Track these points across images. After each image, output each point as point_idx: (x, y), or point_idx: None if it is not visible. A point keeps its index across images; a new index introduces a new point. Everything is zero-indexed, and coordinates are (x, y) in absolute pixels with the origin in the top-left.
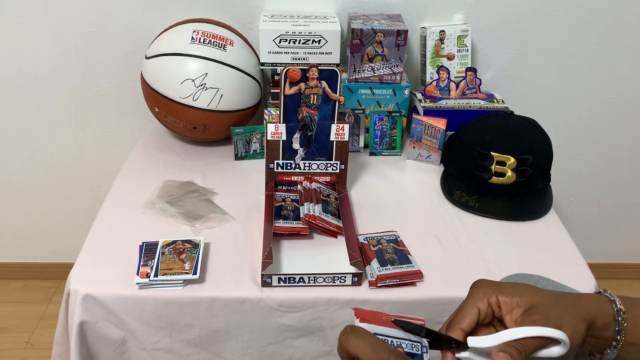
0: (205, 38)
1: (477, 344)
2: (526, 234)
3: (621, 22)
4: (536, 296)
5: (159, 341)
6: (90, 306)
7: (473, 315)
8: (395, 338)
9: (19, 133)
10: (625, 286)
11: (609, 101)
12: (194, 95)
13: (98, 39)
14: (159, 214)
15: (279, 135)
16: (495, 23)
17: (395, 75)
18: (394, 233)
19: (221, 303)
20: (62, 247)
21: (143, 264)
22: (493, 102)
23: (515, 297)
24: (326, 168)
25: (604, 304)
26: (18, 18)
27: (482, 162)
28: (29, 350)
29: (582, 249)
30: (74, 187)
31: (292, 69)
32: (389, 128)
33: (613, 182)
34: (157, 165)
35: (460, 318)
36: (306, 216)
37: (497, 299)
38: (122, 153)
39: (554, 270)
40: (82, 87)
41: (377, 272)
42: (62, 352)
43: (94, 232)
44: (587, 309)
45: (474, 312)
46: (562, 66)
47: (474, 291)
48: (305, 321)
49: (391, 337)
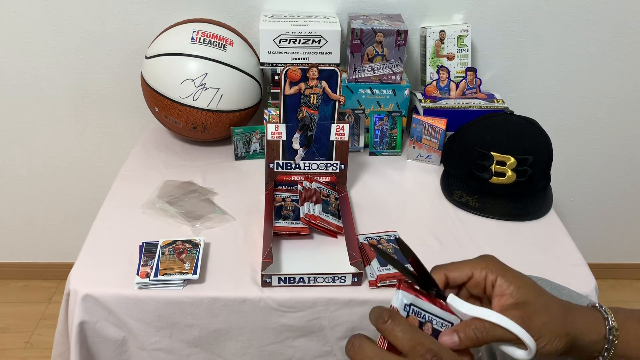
0: (205, 38)
1: (454, 304)
2: (526, 234)
3: (621, 22)
4: (531, 295)
5: (159, 341)
6: (90, 306)
7: (464, 274)
8: (428, 313)
9: (19, 133)
10: (625, 286)
11: (609, 101)
12: (194, 95)
13: (98, 38)
14: (159, 214)
15: (279, 135)
16: (495, 23)
17: (395, 75)
18: (394, 233)
19: (221, 303)
20: (62, 247)
21: (143, 264)
22: (493, 102)
23: (513, 286)
24: (326, 168)
25: (597, 321)
26: (18, 18)
27: (482, 162)
28: (29, 350)
29: (582, 249)
30: (74, 187)
31: (292, 69)
32: (389, 128)
33: (613, 182)
34: (157, 165)
35: (452, 267)
36: (306, 216)
37: (496, 279)
38: (122, 153)
39: (554, 270)
40: (82, 87)
41: (377, 272)
42: (62, 352)
43: (94, 232)
44: (575, 326)
45: (466, 273)
46: (562, 66)
47: (479, 259)
48: (305, 321)
49: (425, 312)
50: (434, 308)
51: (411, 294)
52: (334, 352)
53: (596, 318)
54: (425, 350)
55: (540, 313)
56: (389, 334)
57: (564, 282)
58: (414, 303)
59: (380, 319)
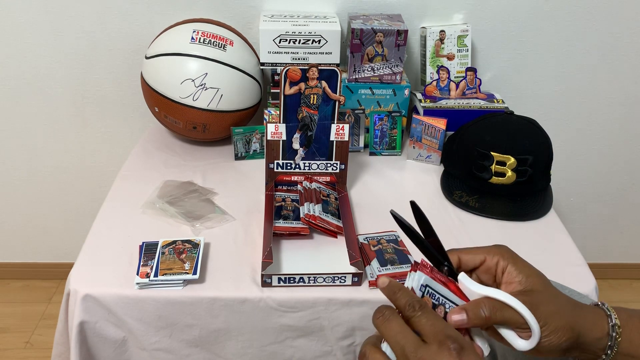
0: (205, 38)
1: (465, 283)
2: (526, 234)
3: (621, 22)
4: (540, 285)
5: (159, 341)
6: (90, 306)
7: (477, 258)
8: (442, 296)
9: (19, 133)
10: (625, 286)
11: (608, 101)
12: (194, 95)
13: (98, 39)
14: (159, 214)
15: (279, 135)
16: (495, 23)
17: (395, 75)
18: (394, 233)
19: (221, 303)
20: (62, 247)
21: (143, 264)
22: (493, 102)
23: (522, 275)
24: (326, 168)
25: (600, 318)
26: (18, 18)
27: (482, 162)
28: (29, 350)
29: (582, 249)
30: (74, 187)
31: (292, 69)
32: (389, 128)
33: (613, 182)
34: (157, 165)
35: (465, 251)
36: (306, 216)
37: (507, 266)
38: (122, 153)
39: (554, 270)
40: (82, 87)
41: (377, 272)
42: (62, 352)
43: (94, 232)
44: (579, 322)
45: (479, 258)
46: (562, 66)
47: (493, 247)
48: (305, 321)
49: (439, 294)
50: (447, 292)
51: (428, 275)
52: (334, 352)
53: (599, 315)
54: (446, 337)
55: (548, 303)
56: (416, 320)
57: (564, 282)
58: (429, 285)
59: (411, 308)
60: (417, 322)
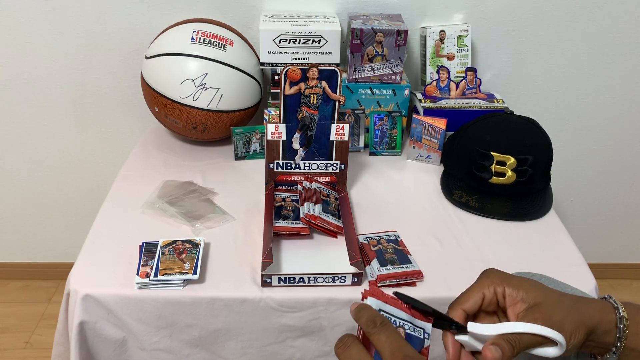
0: (205, 38)
1: (476, 330)
2: (526, 234)
3: (621, 22)
4: (542, 294)
5: (159, 341)
6: (90, 306)
7: (477, 299)
8: (399, 319)
9: (19, 133)
10: (625, 286)
11: (609, 101)
12: (194, 95)
13: (98, 39)
14: (159, 214)
15: (279, 135)
16: (495, 23)
17: (395, 75)
18: (394, 233)
19: (221, 303)
20: (62, 247)
21: (143, 264)
22: (493, 102)
23: (522, 291)
24: (326, 168)
25: (608, 310)
26: (18, 18)
27: (482, 162)
28: (29, 350)
29: (582, 249)
30: (74, 187)
31: (292, 69)
32: (389, 128)
33: (613, 182)
34: (157, 165)
35: (464, 299)
36: (306, 216)
37: (504, 290)
38: (122, 153)
39: (554, 270)
40: (82, 87)
41: (377, 272)
42: (62, 352)
43: (94, 232)
44: (589, 315)
45: (479, 297)
46: (562, 66)
47: (482, 278)
48: (305, 321)
49: (395, 317)
50: (402, 314)
51: (379, 299)
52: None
53: (607, 308)
54: (404, 356)
55: (555, 309)
56: (375, 337)
57: (564, 282)
58: (382, 309)
59: (371, 324)
60: (377, 339)
